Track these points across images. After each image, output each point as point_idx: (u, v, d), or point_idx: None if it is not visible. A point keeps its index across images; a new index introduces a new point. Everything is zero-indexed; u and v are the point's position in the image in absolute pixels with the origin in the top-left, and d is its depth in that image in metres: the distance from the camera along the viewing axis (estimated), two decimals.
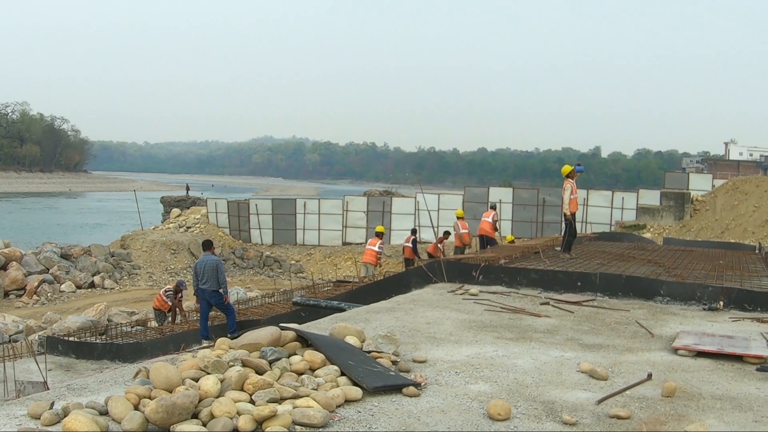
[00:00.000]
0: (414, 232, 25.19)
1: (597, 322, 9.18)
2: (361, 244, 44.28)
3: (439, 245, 24.24)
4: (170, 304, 20.11)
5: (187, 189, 60.29)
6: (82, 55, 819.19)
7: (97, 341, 17.47)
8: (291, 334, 6.26)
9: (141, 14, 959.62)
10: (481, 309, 9.70)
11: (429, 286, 11.95)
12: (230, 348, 6.18)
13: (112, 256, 37.99)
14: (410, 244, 23.88)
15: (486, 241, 21.83)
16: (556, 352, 7.37)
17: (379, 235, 23.35)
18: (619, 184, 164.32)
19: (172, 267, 39.24)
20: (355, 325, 7.63)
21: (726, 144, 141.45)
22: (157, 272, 38.12)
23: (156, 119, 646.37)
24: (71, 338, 19.10)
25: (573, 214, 15.98)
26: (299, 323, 12.62)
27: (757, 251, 22.15)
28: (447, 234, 25.70)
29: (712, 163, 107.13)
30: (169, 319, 20.17)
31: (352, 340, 6.66)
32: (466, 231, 23.52)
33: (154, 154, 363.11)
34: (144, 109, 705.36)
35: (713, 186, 39.75)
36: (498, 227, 22.85)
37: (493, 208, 22.66)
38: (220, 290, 13.93)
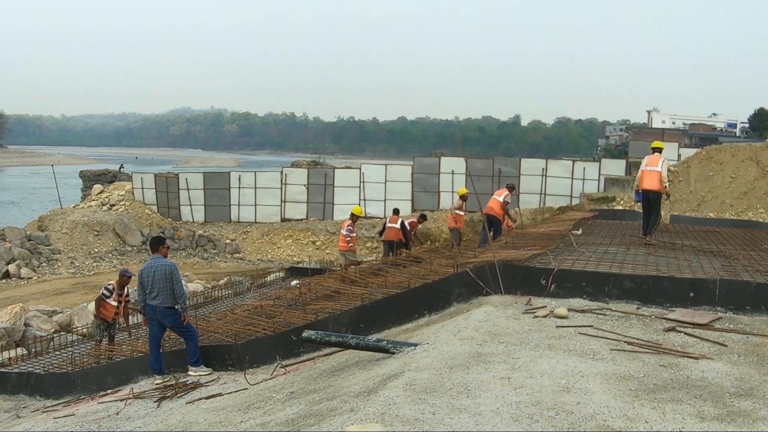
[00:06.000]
0: (397, 212, 21.71)
1: None
2: (301, 220, 41.10)
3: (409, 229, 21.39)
4: (114, 305, 14.65)
5: (121, 167, 55.39)
6: None
7: (12, 370, 13.72)
8: None
9: None
10: (603, 347, 6.30)
11: (482, 300, 8.37)
12: None
13: (29, 239, 33.62)
14: (398, 226, 20.50)
15: (491, 222, 18.40)
16: None
17: (353, 217, 19.71)
18: (540, 152, 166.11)
19: (96, 251, 35.10)
20: (453, 406, 4.38)
21: (649, 112, 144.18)
22: (79, 257, 33.95)
23: (73, 91, 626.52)
24: None
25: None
26: (292, 353, 9.20)
27: None
28: (423, 217, 22.72)
29: (637, 131, 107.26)
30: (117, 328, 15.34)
31: None
32: (456, 212, 20.55)
33: (71, 127, 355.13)
34: (61, 81, 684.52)
35: (679, 155, 37.38)
36: (506, 211, 19.53)
37: (511, 188, 19.67)
38: (177, 306, 10.15)
